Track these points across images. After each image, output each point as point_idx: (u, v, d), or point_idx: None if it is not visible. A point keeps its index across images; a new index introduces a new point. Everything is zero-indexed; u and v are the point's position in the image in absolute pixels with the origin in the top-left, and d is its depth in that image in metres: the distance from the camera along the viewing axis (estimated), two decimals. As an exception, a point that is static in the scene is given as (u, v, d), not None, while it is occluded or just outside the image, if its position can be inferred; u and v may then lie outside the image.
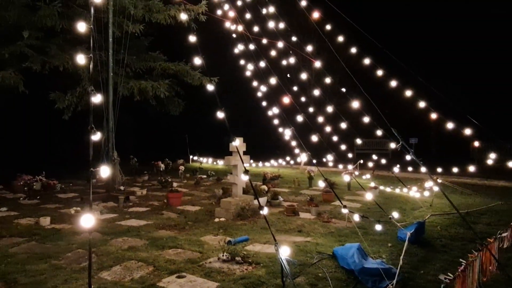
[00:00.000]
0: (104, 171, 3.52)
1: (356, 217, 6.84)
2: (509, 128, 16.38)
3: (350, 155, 11.59)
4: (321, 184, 10.43)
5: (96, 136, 3.33)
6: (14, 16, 11.06)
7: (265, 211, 4.54)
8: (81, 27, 4.18)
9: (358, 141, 9.33)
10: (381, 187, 11.88)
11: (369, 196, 7.79)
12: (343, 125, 8.62)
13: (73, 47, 12.20)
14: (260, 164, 19.09)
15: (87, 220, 3.09)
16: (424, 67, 18.39)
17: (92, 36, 4.08)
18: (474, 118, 7.39)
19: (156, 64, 14.32)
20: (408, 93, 8.84)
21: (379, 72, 9.11)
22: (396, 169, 13.11)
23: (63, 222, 7.79)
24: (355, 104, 8.81)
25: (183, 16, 6.74)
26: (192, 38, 5.78)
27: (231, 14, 9.16)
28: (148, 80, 13.84)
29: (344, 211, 5.87)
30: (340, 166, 14.07)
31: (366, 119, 9.09)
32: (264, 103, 12.53)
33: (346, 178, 11.17)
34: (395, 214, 7.38)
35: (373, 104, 8.19)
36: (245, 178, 4.45)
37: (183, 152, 21.08)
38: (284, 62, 11.06)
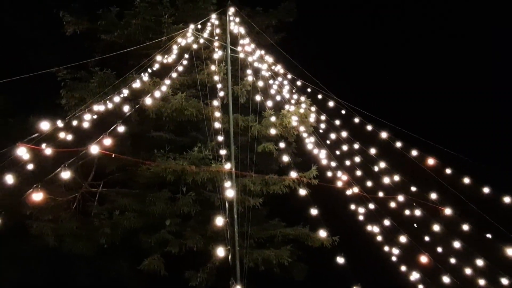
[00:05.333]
0: None
1: None
2: None
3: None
4: None
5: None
6: (159, 209, 13.22)
7: None
8: (219, 221, 4.75)
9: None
10: None
11: None
12: (504, 281, 7.12)
13: (203, 227, 13.61)
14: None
15: None
16: None
17: (226, 227, 4.55)
18: None
19: (276, 232, 14.78)
20: None
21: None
22: None
23: None
24: (510, 252, 7.45)
25: (302, 192, 7.26)
26: (313, 211, 6.01)
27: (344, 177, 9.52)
28: (270, 248, 14.14)
29: None
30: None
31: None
32: (394, 258, 11.37)
33: None
34: None
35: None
36: None
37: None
38: (407, 213, 10.42)
